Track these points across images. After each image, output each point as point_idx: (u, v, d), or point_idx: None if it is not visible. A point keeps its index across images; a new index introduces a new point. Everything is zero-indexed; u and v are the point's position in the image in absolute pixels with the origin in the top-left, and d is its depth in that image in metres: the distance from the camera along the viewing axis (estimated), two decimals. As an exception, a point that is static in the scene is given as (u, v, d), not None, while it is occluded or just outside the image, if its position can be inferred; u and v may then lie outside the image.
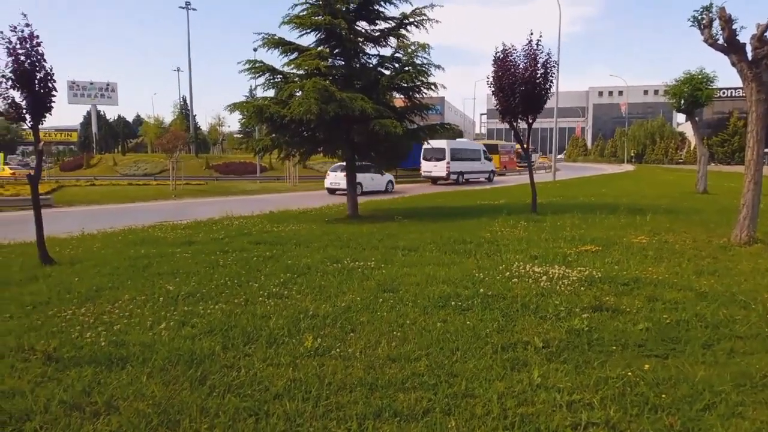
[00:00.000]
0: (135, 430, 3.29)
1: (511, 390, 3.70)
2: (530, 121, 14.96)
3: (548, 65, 14.17)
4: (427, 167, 35.66)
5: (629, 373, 3.93)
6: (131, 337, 4.87)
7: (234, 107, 14.21)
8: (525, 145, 16.57)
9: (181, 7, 53.56)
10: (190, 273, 7.48)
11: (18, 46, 7.72)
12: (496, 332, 4.84)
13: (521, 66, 14.16)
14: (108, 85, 66.43)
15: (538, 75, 14.07)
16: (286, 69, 14.26)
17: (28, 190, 24.93)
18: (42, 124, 8.32)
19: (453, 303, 5.74)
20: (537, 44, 14.11)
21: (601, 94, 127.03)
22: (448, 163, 34.63)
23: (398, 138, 14.03)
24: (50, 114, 8.31)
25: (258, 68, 13.94)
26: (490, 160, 40.00)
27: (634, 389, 3.71)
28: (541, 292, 6.10)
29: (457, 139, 41.65)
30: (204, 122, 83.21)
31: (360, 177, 23.50)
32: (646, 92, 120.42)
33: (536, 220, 12.95)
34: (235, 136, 71.00)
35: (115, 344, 4.69)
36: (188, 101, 63.63)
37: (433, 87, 15.19)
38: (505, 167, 51.69)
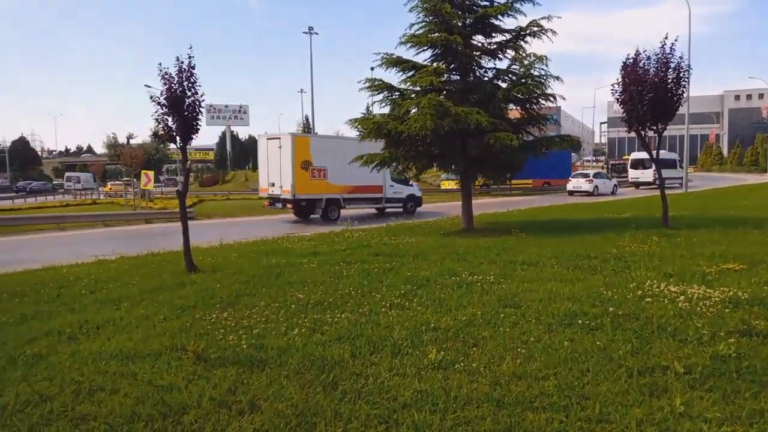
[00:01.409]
0: (276, 429, 3.54)
1: (651, 417, 3.49)
2: (660, 128, 14.00)
3: (680, 69, 13.21)
4: (635, 174, 44.76)
5: (789, 407, 3.54)
6: (268, 341, 5.25)
7: (354, 123, 14.81)
8: (654, 155, 15.51)
9: (305, 33, 57.36)
10: (317, 282, 7.90)
11: (174, 76, 8.69)
12: (630, 355, 4.58)
13: (651, 71, 13.34)
14: (241, 107, 72.05)
15: (669, 80, 13.16)
16: (402, 86, 14.66)
17: (173, 204, 27.82)
18: (189, 145, 9.25)
19: (580, 321, 5.52)
20: (671, 49, 13.21)
21: (737, 97, 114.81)
22: (655, 170, 40.21)
23: (514, 150, 13.82)
24: (196, 136, 9.25)
25: (377, 86, 14.46)
26: (683, 168, 43.17)
27: (797, 426, 3.34)
28: (678, 314, 5.67)
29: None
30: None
31: (597, 182, 37.32)
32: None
33: (669, 235, 12.03)
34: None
35: (254, 347, 5.08)
36: (310, 120, 67.32)
37: (551, 99, 14.80)
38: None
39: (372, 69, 34.00)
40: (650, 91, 13.20)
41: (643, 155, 45.57)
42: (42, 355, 5.15)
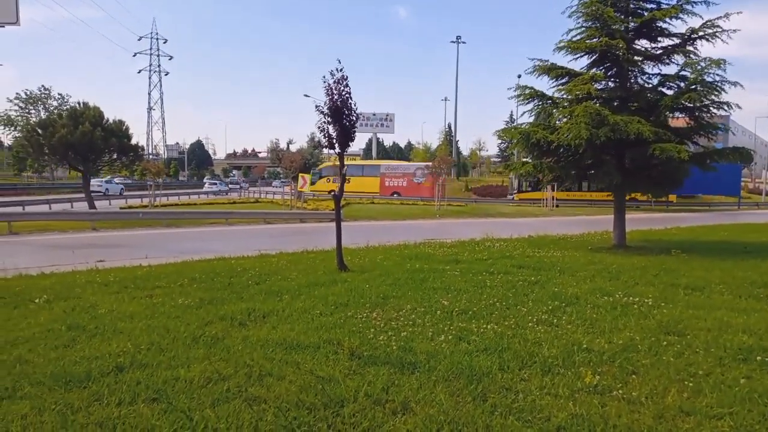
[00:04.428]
0: (428, 433, 3.63)
1: None
2: None
3: None
4: None
5: None
6: (416, 344, 5.40)
7: (502, 133, 14.65)
8: None
9: (452, 42, 58.10)
10: (460, 290, 7.95)
11: (333, 88, 9.31)
12: (825, 403, 4.01)
13: None
14: (387, 115, 74.53)
15: None
16: (555, 94, 14.18)
17: (323, 206, 29.71)
18: (346, 151, 9.82)
19: (759, 358, 4.94)
20: None
21: None
22: None
23: (678, 163, 12.69)
24: (352, 143, 9.78)
25: (528, 94, 14.13)
26: None
27: None
28: None
29: None
30: (464, 146, 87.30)
31: None
32: None
33: None
34: (492, 160, 72.69)
35: (403, 350, 5.26)
36: (453, 128, 67.72)
37: (725, 107, 13.35)
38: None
39: (519, 76, 33.39)
40: None
41: None
42: (218, 337, 5.77)
